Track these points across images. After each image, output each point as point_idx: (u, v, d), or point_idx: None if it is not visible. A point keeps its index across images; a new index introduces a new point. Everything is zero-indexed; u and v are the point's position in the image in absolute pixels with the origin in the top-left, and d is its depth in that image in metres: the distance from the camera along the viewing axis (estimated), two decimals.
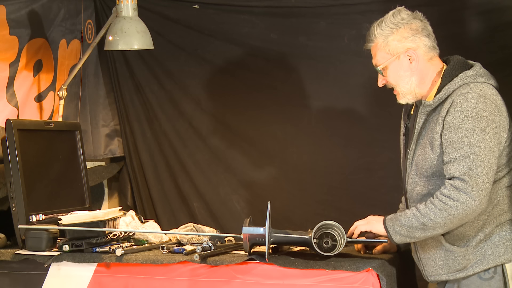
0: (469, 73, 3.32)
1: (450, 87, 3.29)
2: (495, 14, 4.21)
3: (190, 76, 4.85)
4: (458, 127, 3.21)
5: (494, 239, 3.30)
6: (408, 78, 3.36)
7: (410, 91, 3.38)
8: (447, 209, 3.18)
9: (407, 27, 3.35)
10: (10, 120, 3.80)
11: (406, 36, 3.34)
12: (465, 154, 3.18)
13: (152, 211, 5.00)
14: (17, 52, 4.16)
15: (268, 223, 3.37)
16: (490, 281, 3.31)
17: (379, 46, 3.37)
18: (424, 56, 3.36)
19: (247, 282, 3.39)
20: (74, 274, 3.56)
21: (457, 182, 3.18)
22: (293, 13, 4.59)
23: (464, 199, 3.16)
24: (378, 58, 3.39)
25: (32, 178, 3.84)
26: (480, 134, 3.19)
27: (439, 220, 3.20)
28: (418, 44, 3.35)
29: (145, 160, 4.99)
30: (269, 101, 4.74)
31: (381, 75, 3.41)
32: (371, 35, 3.39)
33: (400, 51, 3.35)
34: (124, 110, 4.97)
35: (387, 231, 3.31)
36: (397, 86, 3.39)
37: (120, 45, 4.24)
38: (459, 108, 3.22)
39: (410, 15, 3.37)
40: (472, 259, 3.30)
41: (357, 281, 3.27)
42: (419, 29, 3.35)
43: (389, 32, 3.35)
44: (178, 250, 3.59)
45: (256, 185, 4.82)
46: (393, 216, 3.33)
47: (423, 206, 3.23)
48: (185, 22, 4.79)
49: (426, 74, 3.37)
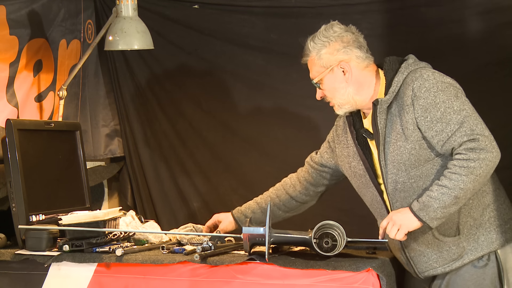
0: (409, 61, 3.39)
1: (398, 78, 3.35)
2: (495, 14, 4.22)
3: (190, 76, 4.85)
4: (435, 103, 3.25)
5: (485, 226, 3.34)
6: (344, 90, 3.41)
7: (347, 101, 3.43)
8: (472, 171, 3.19)
9: (339, 40, 3.40)
10: (10, 120, 3.80)
11: (338, 48, 3.39)
12: (458, 121, 3.23)
13: (152, 211, 5.00)
14: (17, 52, 4.16)
15: (268, 223, 3.37)
16: (484, 268, 3.34)
17: (313, 60, 3.44)
18: (357, 66, 3.40)
19: (247, 282, 3.39)
20: (74, 274, 3.56)
21: (469, 144, 3.20)
22: (293, 13, 4.59)
23: (484, 155, 3.20)
24: (313, 72, 3.46)
25: (32, 178, 3.84)
26: (458, 100, 3.26)
27: (468, 186, 3.20)
28: (350, 56, 3.40)
29: (145, 160, 4.99)
30: (269, 101, 4.74)
31: (318, 88, 3.47)
32: (306, 49, 3.45)
33: (333, 64, 3.41)
34: (124, 110, 4.97)
35: (422, 222, 3.26)
36: (333, 98, 3.45)
37: (120, 45, 4.25)
38: (424, 89, 3.27)
39: (342, 29, 3.43)
40: (466, 246, 3.33)
41: (357, 281, 3.27)
42: (350, 41, 3.40)
43: (321, 45, 3.41)
44: (178, 250, 3.59)
45: (256, 185, 4.81)
46: (421, 203, 3.26)
47: (447, 180, 3.22)
48: (185, 22, 4.79)
49: (364, 81, 3.42)
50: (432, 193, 3.24)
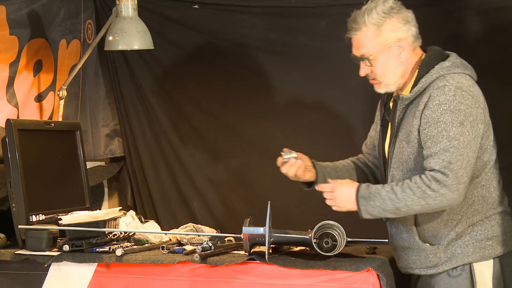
0: (445, 64, 3.28)
1: (426, 79, 3.26)
2: (495, 14, 4.21)
3: (190, 76, 4.85)
4: (437, 121, 3.19)
5: (464, 239, 3.30)
6: (395, 69, 3.33)
7: (395, 81, 3.35)
8: (425, 197, 3.17)
9: (399, 17, 3.29)
10: (10, 120, 3.80)
11: (398, 26, 3.29)
12: (444, 147, 3.17)
13: (152, 211, 5.00)
14: (17, 52, 4.16)
15: (268, 223, 3.37)
16: (457, 278, 3.31)
17: (367, 35, 3.29)
18: (410, 46, 3.32)
19: (247, 282, 3.39)
20: (74, 274, 3.56)
21: (437, 174, 3.16)
22: (293, 13, 4.59)
23: (444, 191, 3.15)
24: (367, 47, 3.31)
25: (32, 178, 3.84)
26: (459, 127, 3.17)
27: (415, 207, 3.19)
28: (408, 34, 3.30)
29: (145, 160, 4.99)
30: (269, 101, 4.74)
31: (366, 64, 3.34)
32: (358, 23, 3.29)
33: (392, 41, 3.29)
34: (124, 110, 4.97)
35: (358, 209, 3.27)
36: (383, 77, 3.33)
37: (120, 45, 4.25)
38: (437, 101, 3.19)
39: (398, 4, 3.31)
40: (443, 257, 3.31)
41: (357, 281, 3.27)
42: (409, 19, 3.31)
43: (381, 20, 3.27)
44: (178, 250, 3.59)
45: (256, 185, 4.82)
46: (368, 192, 3.26)
47: (400, 190, 3.20)
48: (185, 22, 4.79)
49: (410, 64, 3.34)
50: (383, 191, 3.24)
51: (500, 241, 3.31)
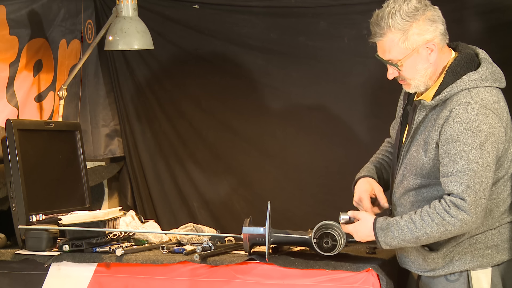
0: (473, 76, 3.15)
1: (451, 89, 3.15)
2: (495, 14, 4.21)
3: (190, 76, 4.85)
4: (457, 139, 3.08)
5: (463, 246, 3.23)
6: (424, 71, 3.19)
7: (424, 82, 3.22)
8: (444, 224, 3.09)
9: (425, 18, 3.14)
10: (10, 120, 3.80)
11: (425, 28, 3.14)
12: (462, 169, 3.07)
13: (152, 211, 5.00)
14: (17, 52, 4.16)
15: (268, 223, 3.37)
16: (455, 283, 3.25)
17: (395, 41, 3.15)
18: (438, 45, 3.19)
19: (247, 282, 3.39)
20: (74, 274, 3.56)
21: (456, 200, 3.08)
22: (293, 13, 4.59)
23: (463, 216, 3.08)
24: (395, 53, 3.17)
25: (32, 178, 3.84)
26: (479, 149, 3.06)
27: (434, 234, 3.12)
28: (436, 34, 3.17)
29: (145, 160, 4.99)
30: (269, 101, 4.74)
31: (394, 69, 3.21)
32: (382, 27, 3.14)
33: (420, 44, 3.15)
34: (124, 110, 4.97)
35: (377, 241, 3.21)
36: (412, 79, 3.21)
37: (120, 45, 4.25)
38: (458, 119, 3.08)
39: (422, 2, 3.16)
40: (441, 263, 3.25)
41: (357, 281, 3.27)
42: (435, 17, 3.16)
43: (407, 25, 3.12)
44: (178, 250, 3.59)
45: (256, 185, 4.82)
46: (385, 224, 3.20)
47: (419, 218, 3.13)
48: (185, 22, 4.79)
49: (439, 65, 3.22)
50: (400, 221, 3.17)
51: (499, 250, 3.25)
